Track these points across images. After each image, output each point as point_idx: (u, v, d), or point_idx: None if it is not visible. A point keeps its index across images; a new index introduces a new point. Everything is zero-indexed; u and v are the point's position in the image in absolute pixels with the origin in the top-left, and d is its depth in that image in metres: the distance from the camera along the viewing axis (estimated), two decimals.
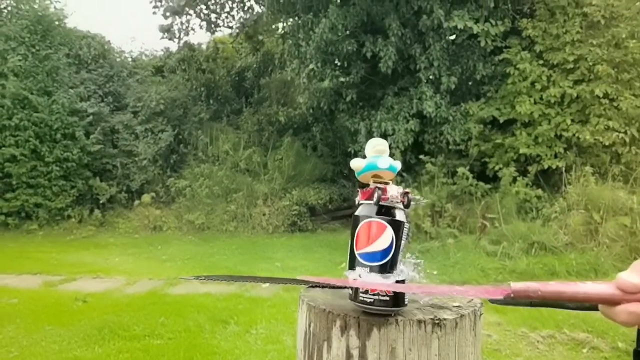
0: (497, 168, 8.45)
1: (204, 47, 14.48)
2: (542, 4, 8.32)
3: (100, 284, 6.07)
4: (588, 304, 0.68)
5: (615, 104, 7.76)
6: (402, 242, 0.84)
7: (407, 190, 0.86)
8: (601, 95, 7.68)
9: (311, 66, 9.32)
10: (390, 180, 0.89)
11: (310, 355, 0.88)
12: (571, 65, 7.97)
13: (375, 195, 0.84)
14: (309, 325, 0.88)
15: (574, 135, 7.85)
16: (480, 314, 0.90)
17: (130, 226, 10.75)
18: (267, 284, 6.05)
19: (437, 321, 0.82)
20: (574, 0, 8.10)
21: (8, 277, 6.36)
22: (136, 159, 11.48)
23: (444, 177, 8.56)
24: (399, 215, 0.85)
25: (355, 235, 0.85)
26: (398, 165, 0.90)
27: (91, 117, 11.23)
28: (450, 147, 8.91)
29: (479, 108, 8.75)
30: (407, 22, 8.92)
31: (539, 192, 7.78)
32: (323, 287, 1.01)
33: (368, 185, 0.89)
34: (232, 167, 11.22)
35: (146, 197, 11.13)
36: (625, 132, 7.71)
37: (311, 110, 10.58)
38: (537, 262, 6.22)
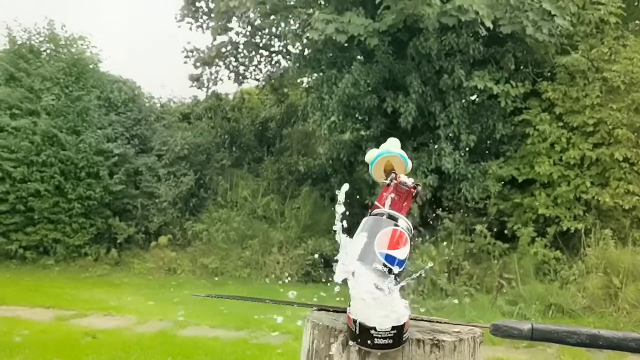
0: (515, 228, 8.36)
1: (230, 96, 14.85)
2: (563, 67, 8.45)
3: (110, 322, 6.08)
4: None
5: (635, 168, 7.72)
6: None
7: (417, 183, 0.91)
8: (621, 158, 7.66)
9: (333, 118, 9.49)
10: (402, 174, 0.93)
11: None
12: (591, 129, 8.00)
13: (390, 176, 0.88)
14: (312, 342, 0.91)
15: (593, 197, 7.78)
16: (480, 342, 0.92)
17: (145, 267, 10.78)
18: (277, 333, 6.01)
19: (436, 342, 0.84)
20: (594, 65, 8.23)
21: (21, 309, 6.41)
22: (157, 200, 11.64)
23: (462, 234, 8.48)
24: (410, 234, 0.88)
25: (379, 236, 0.87)
26: (409, 162, 0.95)
27: (116, 157, 11.52)
28: (468, 204, 8.87)
29: (498, 167, 8.76)
30: (428, 80, 9.12)
31: (558, 253, 7.65)
32: (327, 310, 1.04)
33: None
34: (249, 213, 11.29)
35: (163, 239, 11.21)
36: None
37: (331, 161, 10.71)
38: None
